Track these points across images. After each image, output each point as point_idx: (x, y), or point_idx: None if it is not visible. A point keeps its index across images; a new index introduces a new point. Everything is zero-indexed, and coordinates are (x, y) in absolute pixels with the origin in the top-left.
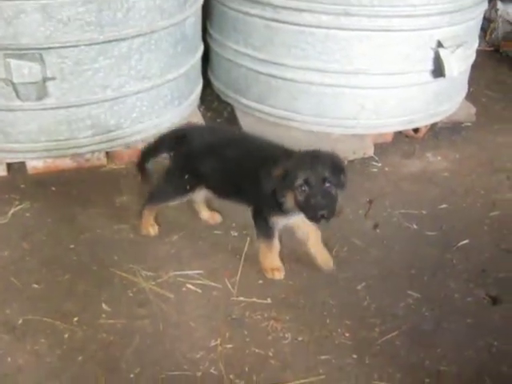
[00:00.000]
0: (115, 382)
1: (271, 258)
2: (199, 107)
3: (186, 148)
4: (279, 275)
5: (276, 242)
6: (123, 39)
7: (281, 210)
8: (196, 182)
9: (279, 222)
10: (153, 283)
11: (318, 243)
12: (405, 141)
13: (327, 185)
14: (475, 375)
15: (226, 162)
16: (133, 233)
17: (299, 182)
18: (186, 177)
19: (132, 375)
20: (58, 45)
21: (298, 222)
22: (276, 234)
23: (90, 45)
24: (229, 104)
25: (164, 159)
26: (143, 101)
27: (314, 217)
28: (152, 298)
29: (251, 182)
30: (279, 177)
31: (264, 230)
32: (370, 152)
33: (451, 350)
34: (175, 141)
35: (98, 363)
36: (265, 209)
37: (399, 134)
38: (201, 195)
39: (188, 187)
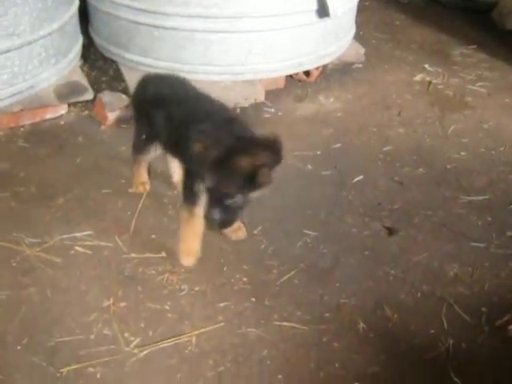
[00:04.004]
0: (1, 357)
1: (191, 235)
2: (83, 66)
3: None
4: (189, 262)
5: (199, 212)
6: None
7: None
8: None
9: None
10: (38, 249)
11: None
12: (297, 85)
13: None
14: (374, 304)
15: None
16: (14, 201)
17: None
18: (139, 126)
19: (19, 347)
20: None
21: None
22: (200, 203)
23: None
24: (114, 61)
25: None
26: (14, 60)
27: None
28: (37, 264)
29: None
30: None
31: (190, 194)
32: (261, 97)
33: (350, 283)
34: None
35: None
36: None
37: (291, 80)
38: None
39: (144, 137)
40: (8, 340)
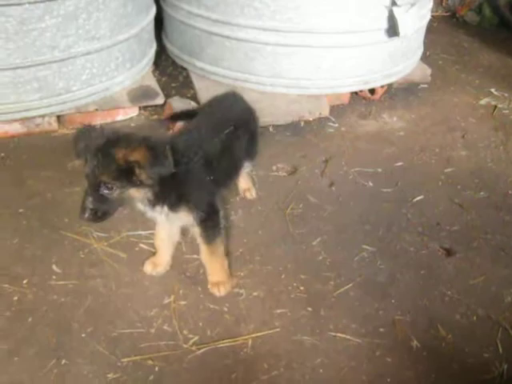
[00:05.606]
0: (67, 342)
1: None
2: (154, 72)
3: None
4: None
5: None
6: None
7: None
8: None
9: None
10: (105, 244)
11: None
12: (361, 102)
13: None
14: (429, 323)
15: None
16: None
17: None
18: None
19: (84, 335)
20: (1, 2)
21: None
22: None
23: (35, 3)
24: (184, 69)
25: None
26: (93, 62)
27: None
28: (104, 258)
29: None
30: None
31: None
32: (326, 112)
33: (405, 300)
34: None
35: (49, 324)
36: None
37: (356, 96)
38: None
39: None
40: (74, 327)
